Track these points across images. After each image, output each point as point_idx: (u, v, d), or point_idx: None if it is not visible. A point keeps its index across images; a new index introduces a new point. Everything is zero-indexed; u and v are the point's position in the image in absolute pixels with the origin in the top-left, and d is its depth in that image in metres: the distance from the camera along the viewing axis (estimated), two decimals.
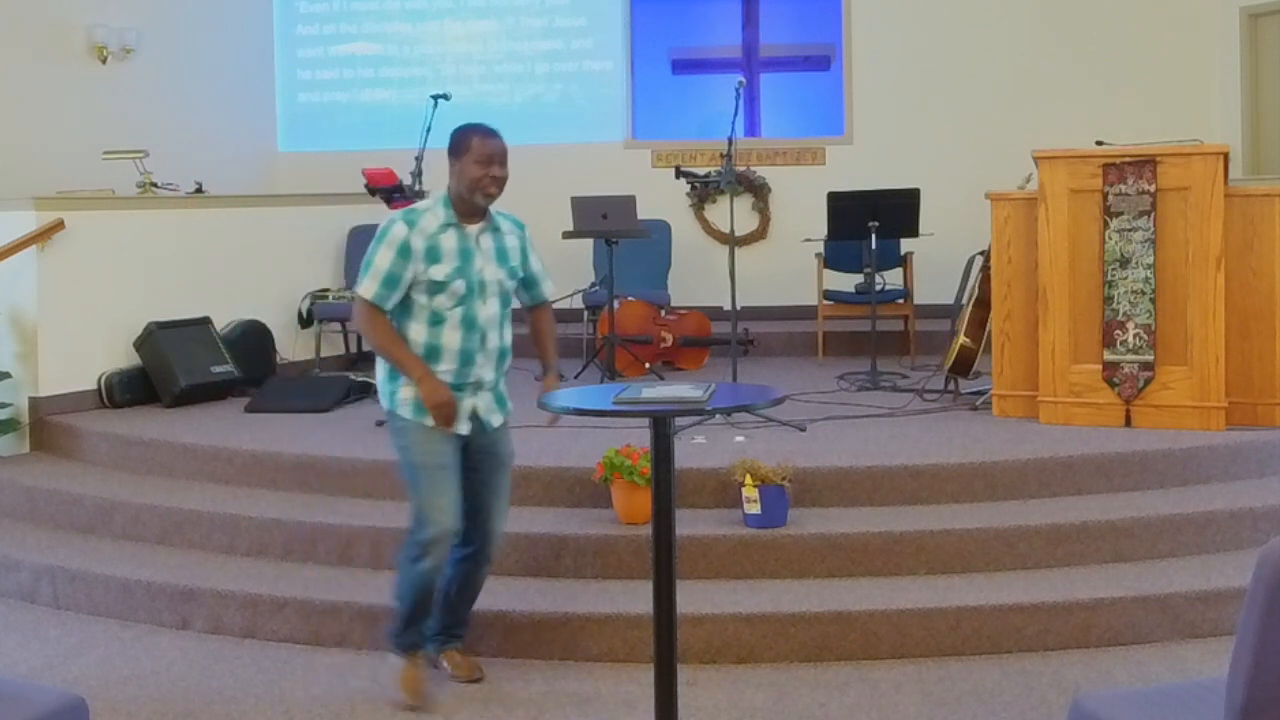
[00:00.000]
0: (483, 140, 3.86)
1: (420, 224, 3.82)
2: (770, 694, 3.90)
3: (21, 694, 2.94)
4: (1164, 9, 8.69)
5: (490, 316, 3.85)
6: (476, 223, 3.87)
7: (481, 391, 3.88)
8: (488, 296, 3.84)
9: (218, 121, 8.97)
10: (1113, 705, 2.76)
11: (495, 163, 3.86)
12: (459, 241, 3.82)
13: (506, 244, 3.94)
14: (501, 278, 3.88)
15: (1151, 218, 5.40)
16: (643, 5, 9.36)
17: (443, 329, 3.79)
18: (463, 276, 3.79)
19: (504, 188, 3.88)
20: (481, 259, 3.84)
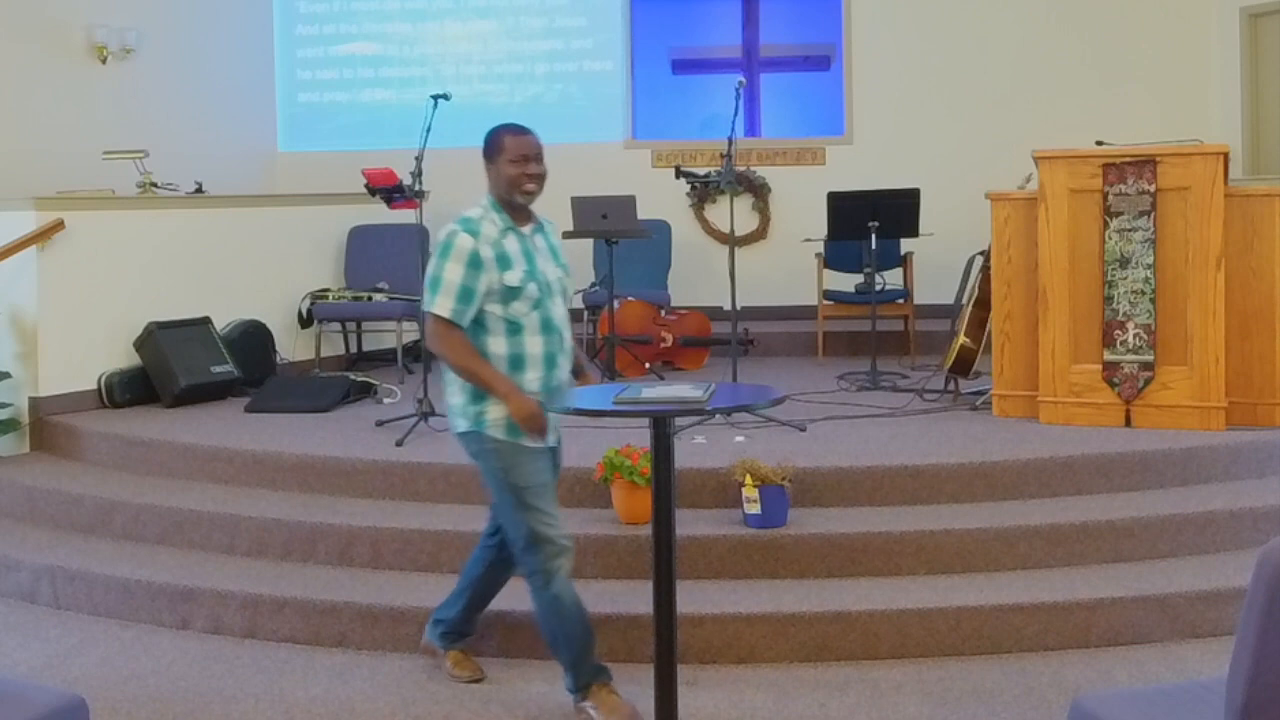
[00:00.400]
0: (515, 138, 3.75)
1: (483, 232, 3.70)
2: (770, 694, 3.90)
3: (21, 694, 2.94)
4: (1164, 9, 8.69)
5: (561, 316, 3.77)
6: (527, 223, 3.79)
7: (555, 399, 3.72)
8: (555, 296, 3.76)
9: (218, 121, 8.97)
10: (1113, 705, 2.76)
11: (531, 159, 3.73)
12: (520, 244, 3.73)
13: (555, 242, 3.88)
14: (560, 275, 3.82)
15: (1151, 218, 5.40)
16: (643, 5, 9.36)
17: (523, 337, 3.67)
18: (533, 279, 3.69)
19: (544, 184, 3.77)
20: (541, 259, 3.77)
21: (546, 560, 3.65)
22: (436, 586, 4.51)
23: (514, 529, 3.71)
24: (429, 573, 4.65)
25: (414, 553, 4.70)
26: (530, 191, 3.73)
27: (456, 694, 3.96)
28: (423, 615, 4.30)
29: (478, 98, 9.31)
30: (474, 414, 3.70)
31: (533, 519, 3.65)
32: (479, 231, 3.69)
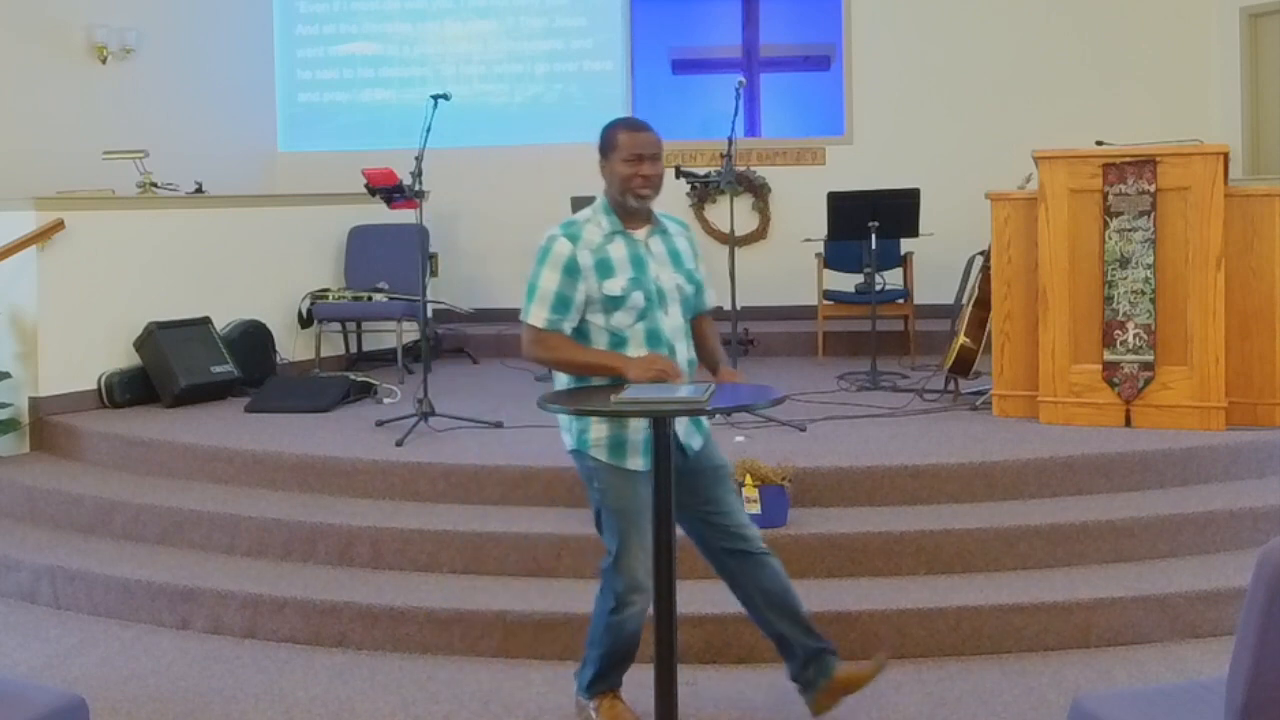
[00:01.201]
0: (630, 135, 3.47)
1: (584, 236, 3.46)
2: (770, 694, 3.90)
3: (21, 694, 2.94)
4: (1164, 9, 8.69)
5: (675, 327, 3.49)
6: (642, 226, 3.51)
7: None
8: (669, 305, 3.48)
9: (218, 121, 8.97)
10: (1113, 705, 2.76)
11: (646, 159, 3.44)
12: (629, 250, 3.46)
13: (678, 246, 3.57)
14: (680, 282, 3.52)
15: (1151, 218, 5.40)
16: (643, 5, 9.36)
17: (627, 349, 3.44)
18: (640, 288, 3.43)
19: (660, 187, 3.49)
20: (655, 265, 3.48)
21: (625, 593, 3.44)
22: (436, 586, 4.52)
23: (609, 544, 3.48)
24: (429, 573, 4.65)
25: (414, 553, 4.70)
26: (643, 194, 3.46)
27: (456, 694, 3.96)
28: (422, 615, 4.31)
29: (478, 98, 9.33)
30: (576, 431, 3.48)
31: (621, 547, 3.42)
32: (580, 236, 3.46)
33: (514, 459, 5.12)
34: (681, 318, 3.52)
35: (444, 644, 4.28)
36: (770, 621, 3.62)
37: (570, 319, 3.45)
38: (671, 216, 3.66)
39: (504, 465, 5.07)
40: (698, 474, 3.52)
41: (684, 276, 3.54)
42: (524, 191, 9.07)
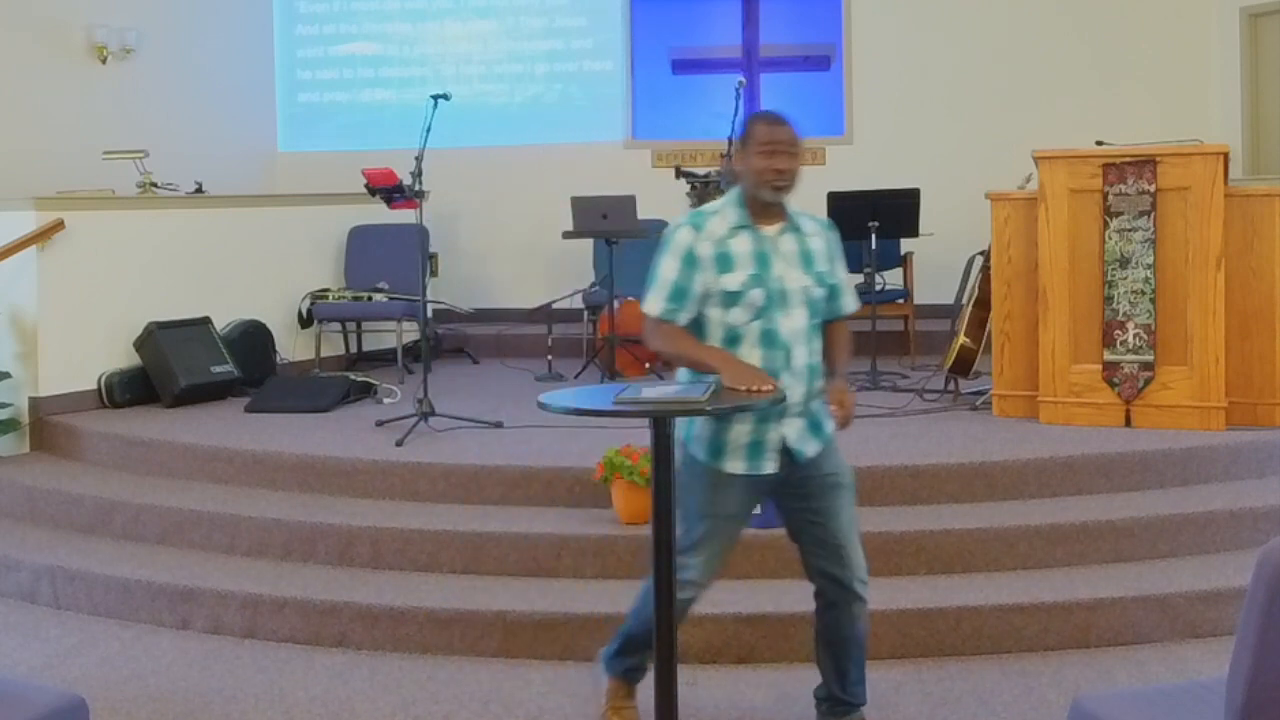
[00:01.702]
0: (768, 127, 3.35)
1: (708, 227, 3.36)
2: (770, 694, 3.90)
3: (21, 694, 2.94)
4: (1164, 9, 8.68)
5: (795, 329, 3.33)
6: (774, 223, 3.37)
7: (790, 418, 3.33)
8: (791, 307, 3.33)
9: (218, 121, 8.97)
10: (1113, 705, 2.76)
11: (781, 153, 3.31)
12: (754, 245, 3.34)
13: (812, 246, 3.40)
14: (807, 284, 3.35)
15: (1151, 218, 5.40)
16: (643, 5, 9.36)
17: (740, 348, 3.33)
18: (760, 285, 3.30)
19: (795, 183, 3.34)
20: (782, 264, 3.34)
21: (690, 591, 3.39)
22: (436, 586, 4.52)
23: (680, 535, 3.34)
24: (429, 573, 4.65)
25: (414, 553, 4.70)
26: (777, 189, 3.32)
27: (457, 694, 3.96)
28: (423, 615, 4.31)
29: (478, 98, 9.32)
30: (686, 422, 3.41)
31: (691, 541, 3.35)
32: (703, 227, 3.36)
33: (514, 459, 5.13)
34: (805, 320, 3.35)
35: (444, 644, 4.28)
36: (818, 649, 3.54)
37: (686, 310, 3.38)
38: (814, 216, 3.51)
39: (504, 465, 5.07)
40: (808, 481, 3.39)
41: (814, 279, 3.37)
42: (524, 191, 9.08)
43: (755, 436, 3.34)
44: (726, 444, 3.36)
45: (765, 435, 3.34)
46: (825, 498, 3.40)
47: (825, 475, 3.41)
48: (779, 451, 3.35)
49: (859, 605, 3.43)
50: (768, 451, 3.35)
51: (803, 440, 3.38)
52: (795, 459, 3.37)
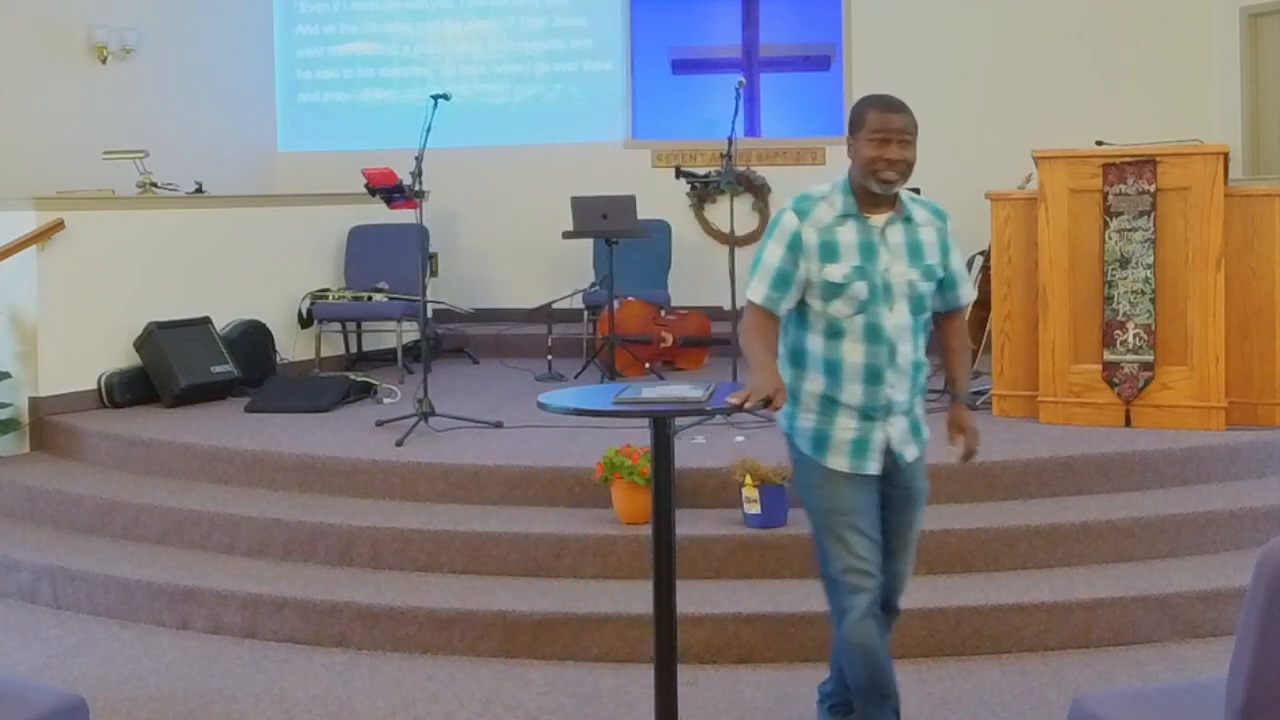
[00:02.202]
0: (880, 114, 3.22)
1: (814, 214, 3.18)
2: (770, 694, 3.90)
3: (21, 694, 2.94)
4: (1164, 9, 8.68)
5: (900, 325, 3.16)
6: (884, 212, 3.20)
7: (894, 417, 3.21)
8: (895, 301, 3.16)
9: (218, 121, 8.97)
10: (1113, 705, 2.76)
11: (893, 141, 3.15)
12: (860, 235, 3.17)
13: (922, 238, 3.23)
14: (914, 278, 3.19)
15: (1151, 218, 5.40)
16: (643, 5, 9.36)
17: (842, 342, 3.16)
18: (864, 278, 3.14)
19: (907, 174, 3.18)
20: (888, 256, 3.17)
21: (841, 597, 3.18)
22: (436, 586, 4.52)
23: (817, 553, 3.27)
24: (429, 573, 4.65)
25: (414, 553, 4.70)
26: (887, 180, 3.14)
27: (457, 694, 3.96)
28: (423, 615, 4.31)
29: (478, 98, 9.32)
30: (789, 415, 3.27)
31: (829, 551, 3.19)
32: (809, 212, 3.19)
33: (514, 459, 5.13)
34: (909, 315, 3.18)
35: (444, 644, 4.28)
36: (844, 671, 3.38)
37: (789, 298, 3.18)
38: (930, 204, 3.33)
39: (504, 465, 5.07)
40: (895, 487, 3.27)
41: (920, 272, 3.20)
42: (524, 191, 9.08)
43: (859, 435, 3.20)
44: (830, 439, 3.21)
45: (870, 434, 3.20)
46: (901, 511, 3.29)
47: (915, 490, 3.31)
48: (883, 452, 3.21)
49: (891, 616, 3.35)
50: (872, 451, 3.20)
51: (905, 443, 3.25)
52: (897, 461, 3.24)
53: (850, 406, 3.18)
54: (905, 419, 3.24)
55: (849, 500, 3.18)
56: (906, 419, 3.25)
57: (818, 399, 3.21)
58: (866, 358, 3.16)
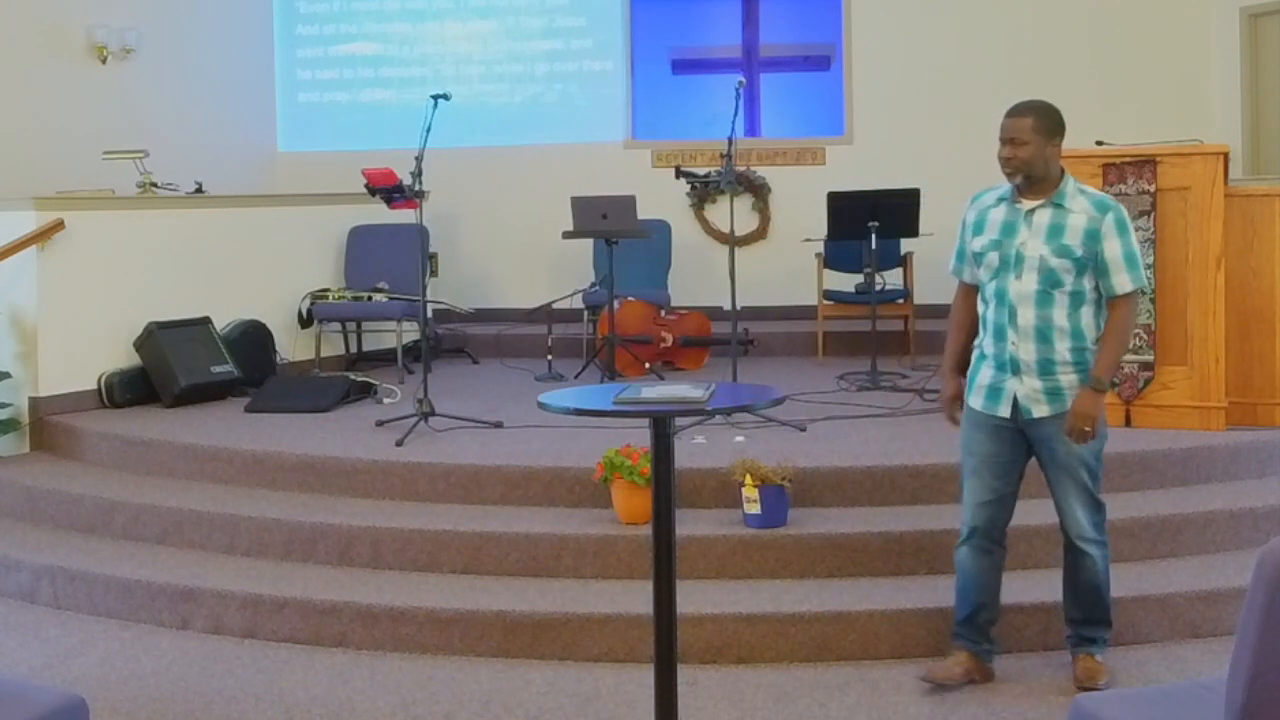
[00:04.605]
0: (1004, 121, 3.82)
1: (982, 199, 3.88)
2: (770, 694, 3.90)
3: (21, 694, 2.94)
4: (1164, 9, 8.68)
5: (1023, 292, 3.72)
6: (1038, 198, 3.77)
7: (1022, 374, 3.73)
8: (1024, 271, 3.72)
9: (218, 121, 8.97)
10: (1113, 705, 2.77)
11: (1005, 142, 3.77)
12: (1006, 215, 3.79)
13: (1067, 222, 3.73)
14: (1044, 253, 3.71)
15: (1151, 218, 5.40)
16: (643, 5, 9.36)
17: (987, 303, 3.82)
18: (998, 249, 3.76)
19: (1022, 168, 3.75)
20: (1027, 233, 3.74)
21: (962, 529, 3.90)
22: (436, 586, 4.52)
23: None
24: (429, 573, 4.65)
25: (414, 553, 4.70)
26: (1006, 172, 3.78)
27: (457, 694, 3.96)
28: (423, 615, 4.31)
29: (478, 98, 9.32)
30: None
31: (963, 486, 3.90)
32: (980, 199, 3.88)
33: (514, 459, 5.13)
34: (1035, 285, 3.70)
35: (444, 644, 4.29)
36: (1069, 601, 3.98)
37: (964, 270, 3.94)
38: (1096, 196, 3.83)
39: (504, 465, 5.07)
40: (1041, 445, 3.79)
41: (1053, 249, 3.70)
42: (524, 191, 9.08)
43: (994, 382, 3.79)
44: (974, 381, 3.86)
45: (1003, 383, 3.77)
46: (1049, 468, 3.81)
47: (1055, 452, 3.76)
48: (1011, 403, 3.75)
49: (1082, 558, 3.84)
50: (1004, 397, 3.76)
51: (1031, 400, 3.74)
52: (1026, 414, 3.74)
53: (985, 355, 3.83)
54: (1038, 379, 3.73)
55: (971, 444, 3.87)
56: (1040, 379, 3.73)
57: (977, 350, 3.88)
58: (994, 316, 3.79)
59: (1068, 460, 3.76)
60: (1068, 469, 3.77)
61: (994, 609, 3.96)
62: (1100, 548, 3.85)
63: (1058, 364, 3.72)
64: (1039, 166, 3.75)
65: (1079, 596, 3.90)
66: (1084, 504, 3.80)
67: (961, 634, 3.96)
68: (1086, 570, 3.86)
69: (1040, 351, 3.72)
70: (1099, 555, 3.84)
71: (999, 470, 3.82)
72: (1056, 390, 3.73)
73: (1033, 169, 3.74)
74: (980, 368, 3.84)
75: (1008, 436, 3.80)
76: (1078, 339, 3.72)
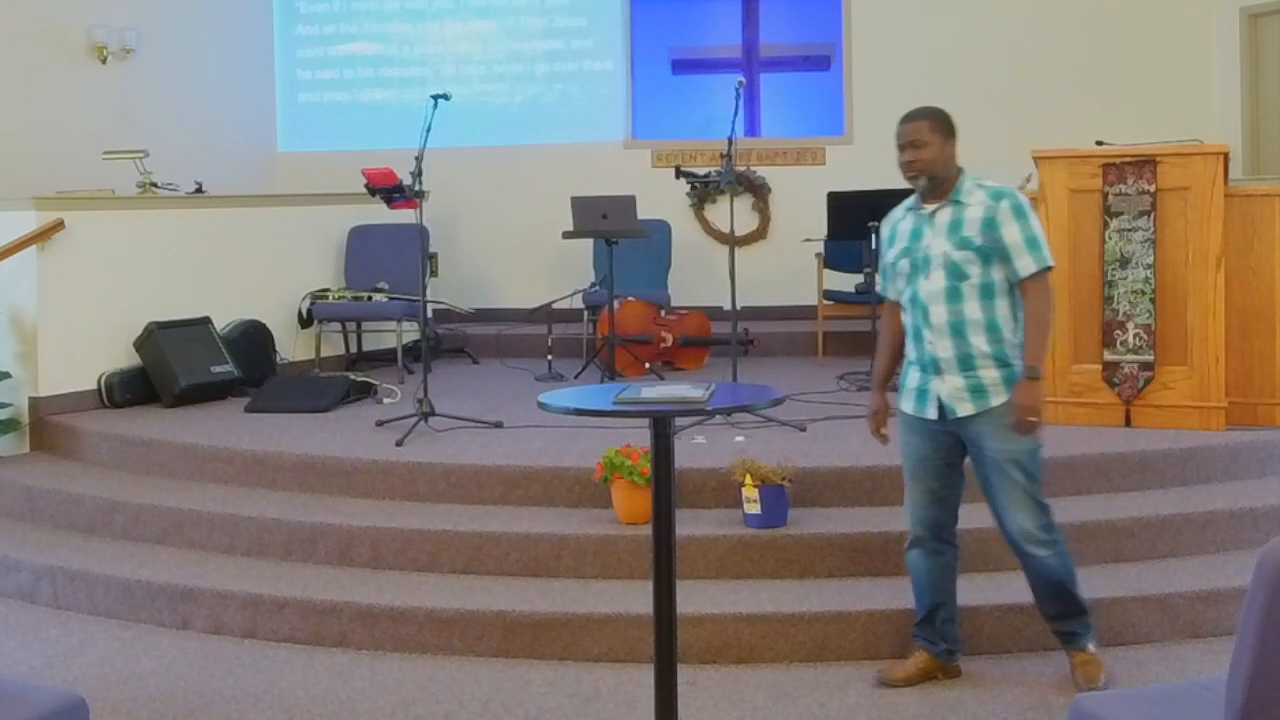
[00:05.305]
0: (900, 126, 3.86)
1: (893, 214, 3.96)
2: (770, 694, 3.90)
3: (21, 694, 2.94)
4: (1164, 9, 8.68)
5: (932, 290, 3.74)
6: (937, 201, 3.81)
7: (944, 373, 3.74)
8: (932, 270, 3.75)
9: (218, 121, 8.97)
10: (1113, 705, 2.76)
11: (903, 147, 3.82)
12: (913, 223, 3.85)
13: (965, 216, 3.75)
14: (947, 249, 3.73)
15: (1151, 218, 5.40)
16: (643, 5, 9.36)
17: (905, 310, 3.86)
18: (908, 256, 3.81)
19: (924, 170, 3.78)
20: (931, 234, 3.78)
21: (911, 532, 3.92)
22: (436, 586, 4.52)
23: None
24: (429, 573, 4.65)
25: (414, 553, 4.70)
26: (908, 177, 3.83)
27: (457, 694, 3.96)
28: (423, 615, 4.31)
29: (478, 98, 9.32)
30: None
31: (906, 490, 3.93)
32: (892, 213, 3.97)
33: (514, 459, 5.13)
34: (944, 282, 3.72)
35: (444, 644, 4.29)
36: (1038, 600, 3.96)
37: (888, 286, 3.97)
38: (994, 188, 3.78)
39: (504, 465, 5.07)
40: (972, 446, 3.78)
41: (954, 243, 3.72)
42: (524, 191, 9.08)
43: (920, 384, 3.81)
44: (904, 386, 3.89)
45: (928, 384, 3.79)
46: (980, 468, 3.79)
47: (985, 450, 3.74)
48: (937, 404, 3.76)
49: (1032, 560, 3.79)
50: (929, 399, 3.78)
51: (955, 399, 3.74)
52: (950, 414, 3.74)
53: (911, 361, 3.85)
54: (960, 378, 3.73)
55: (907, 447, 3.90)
56: (961, 378, 3.73)
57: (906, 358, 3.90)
58: (911, 321, 3.82)
59: (997, 458, 3.72)
60: (999, 468, 3.72)
61: (950, 608, 3.94)
62: (1049, 547, 3.77)
63: (976, 358, 3.71)
64: (940, 167, 3.77)
65: (1044, 596, 3.87)
66: (1021, 505, 3.74)
67: (919, 634, 3.97)
68: (1041, 572, 3.81)
69: (957, 347, 3.72)
70: (1049, 555, 3.77)
71: (935, 472, 3.84)
72: (979, 387, 3.71)
73: (934, 170, 3.77)
74: (909, 372, 3.87)
75: (939, 438, 3.80)
76: (993, 331, 3.71)
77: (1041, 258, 3.71)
